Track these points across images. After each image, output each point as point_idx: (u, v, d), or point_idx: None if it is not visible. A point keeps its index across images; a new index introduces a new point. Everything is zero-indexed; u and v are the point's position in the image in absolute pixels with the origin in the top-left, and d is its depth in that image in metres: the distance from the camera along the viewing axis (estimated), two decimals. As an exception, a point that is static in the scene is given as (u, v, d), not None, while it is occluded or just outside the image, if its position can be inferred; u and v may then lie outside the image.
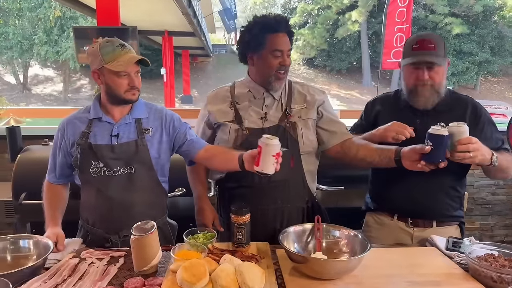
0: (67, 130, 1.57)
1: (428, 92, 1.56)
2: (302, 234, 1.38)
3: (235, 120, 1.67)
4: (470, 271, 1.27)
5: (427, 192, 1.58)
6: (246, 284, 1.06)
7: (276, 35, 1.58)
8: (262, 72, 1.64)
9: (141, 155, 1.53)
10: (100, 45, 1.47)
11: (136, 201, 1.54)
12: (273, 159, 1.25)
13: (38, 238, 1.33)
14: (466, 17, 20.98)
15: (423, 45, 1.54)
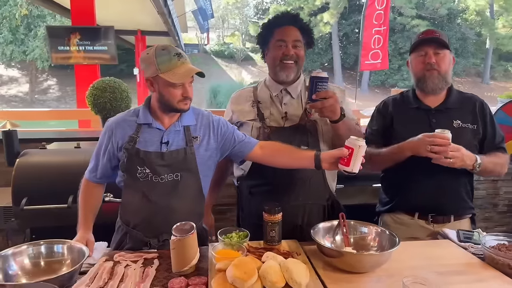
0: (116, 133, 1.54)
1: (436, 79, 1.66)
2: (329, 230, 1.45)
3: (257, 119, 1.73)
4: (486, 260, 1.37)
5: (447, 189, 1.66)
6: (293, 279, 1.11)
7: (281, 28, 1.67)
8: (270, 64, 1.74)
9: (188, 163, 1.52)
10: (156, 52, 1.42)
11: (178, 208, 1.53)
12: (361, 159, 1.34)
13: (72, 243, 1.33)
14: (432, 19, 21.84)
15: (429, 33, 1.69)
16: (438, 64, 1.65)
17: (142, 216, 1.53)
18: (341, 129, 1.58)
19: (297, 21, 1.69)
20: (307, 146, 1.65)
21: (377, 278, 1.25)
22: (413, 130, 1.63)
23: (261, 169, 1.66)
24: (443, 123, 1.65)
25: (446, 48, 1.66)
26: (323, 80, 1.50)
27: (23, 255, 1.28)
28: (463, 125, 1.67)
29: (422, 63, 1.67)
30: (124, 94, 3.20)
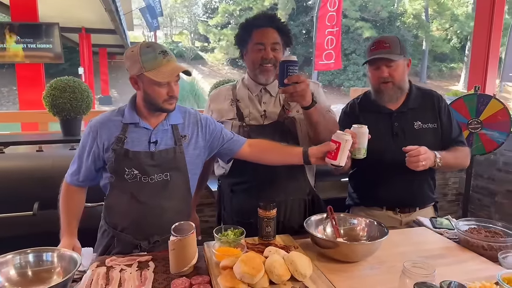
0: (101, 134, 1.48)
1: (391, 90, 1.73)
2: (319, 223, 1.50)
3: (236, 118, 1.74)
4: (461, 243, 1.50)
5: (412, 185, 1.78)
6: (298, 271, 1.14)
7: (260, 29, 1.67)
8: (250, 67, 1.75)
9: (177, 163, 1.51)
10: (141, 50, 1.38)
11: (168, 208, 1.51)
12: (348, 153, 1.40)
13: (62, 251, 1.26)
14: (374, 21, 22.96)
15: (379, 46, 1.71)
16: (392, 76, 1.70)
17: (131, 218, 1.49)
18: (314, 116, 1.59)
19: (274, 22, 1.70)
20: (287, 143, 1.68)
21: (370, 266, 1.32)
22: (377, 133, 1.65)
23: (242, 167, 1.68)
24: (404, 125, 1.77)
25: (399, 56, 1.68)
26: (294, 63, 1.47)
27: (9, 265, 1.19)
28: (424, 126, 1.77)
29: (376, 76, 1.73)
30: (85, 94, 3.05)
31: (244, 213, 1.70)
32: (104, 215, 1.58)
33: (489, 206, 3.86)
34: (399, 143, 1.67)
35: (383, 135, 1.72)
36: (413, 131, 1.77)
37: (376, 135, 1.63)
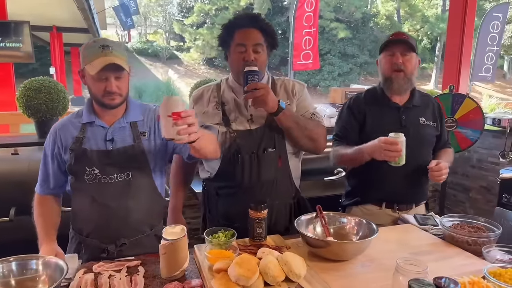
0: (60, 135, 1.48)
1: (402, 80, 1.78)
2: (309, 223, 1.50)
3: (222, 122, 1.69)
4: (446, 239, 1.54)
5: (410, 181, 1.82)
6: (293, 272, 1.14)
7: (242, 30, 1.61)
8: (233, 69, 1.69)
9: (138, 161, 1.48)
10: (85, 45, 1.41)
11: (133, 209, 1.48)
12: (170, 121, 1.11)
13: (47, 258, 1.21)
14: (349, 22, 23.33)
15: (398, 35, 1.80)
16: (405, 65, 1.76)
17: (95, 222, 1.46)
18: (284, 122, 1.59)
19: (257, 22, 1.63)
20: (275, 147, 1.66)
21: (360, 264, 1.34)
22: (385, 126, 1.76)
23: (229, 171, 1.66)
24: (411, 119, 1.84)
25: (413, 51, 1.78)
26: (254, 73, 1.53)
27: (-10, 275, 1.14)
28: (427, 122, 1.87)
29: (390, 62, 1.78)
30: (61, 95, 2.94)
31: (230, 217, 1.67)
32: (71, 220, 1.55)
33: (464, 202, 3.99)
34: (408, 136, 1.68)
35: (392, 127, 1.75)
36: (419, 125, 1.84)
37: (384, 128, 1.71)
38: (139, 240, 1.52)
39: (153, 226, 1.55)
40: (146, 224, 1.53)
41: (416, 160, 1.74)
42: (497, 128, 3.61)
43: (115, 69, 1.38)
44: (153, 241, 1.55)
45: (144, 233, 1.53)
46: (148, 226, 1.54)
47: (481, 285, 1.14)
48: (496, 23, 6.68)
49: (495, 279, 1.16)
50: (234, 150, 1.64)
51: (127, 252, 1.49)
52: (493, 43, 6.69)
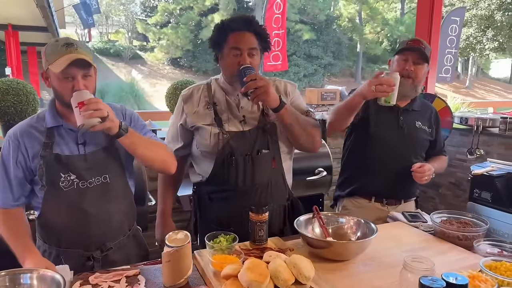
0: (24, 142, 1.38)
1: (409, 86, 1.84)
2: (308, 223, 1.51)
3: (215, 123, 1.65)
4: (437, 235, 1.59)
5: (400, 179, 1.88)
6: (302, 274, 1.13)
7: (236, 33, 1.57)
8: (226, 72, 1.65)
9: (113, 162, 1.47)
10: (47, 45, 1.36)
11: (114, 211, 1.47)
12: (78, 110, 1.25)
13: (42, 271, 1.13)
14: (313, 24, 23.75)
15: (417, 42, 1.86)
16: (415, 73, 1.83)
17: (76, 231, 1.41)
18: (286, 117, 1.57)
19: (252, 25, 1.59)
20: (268, 148, 1.65)
21: (362, 262, 1.35)
22: (383, 123, 1.87)
23: (223, 173, 1.62)
24: (408, 121, 1.91)
25: (426, 61, 1.84)
26: (250, 68, 1.52)
27: (-21, 292, 1.05)
28: (422, 127, 1.95)
29: (402, 67, 1.84)
30: (31, 96, 2.78)
31: (224, 221, 1.64)
32: (40, 234, 1.47)
33: (434, 198, 4.16)
34: (403, 136, 1.82)
35: (390, 125, 1.86)
36: (415, 128, 1.93)
37: (382, 125, 1.82)
38: (122, 242, 1.52)
39: (130, 227, 1.58)
40: (126, 225, 1.54)
41: (407, 160, 1.82)
42: (464, 127, 3.79)
43: (82, 66, 1.32)
44: (132, 241, 1.57)
45: (125, 235, 1.54)
46: (127, 227, 1.55)
47: (481, 278, 1.18)
48: (454, 26, 7.03)
49: (492, 272, 1.21)
50: (227, 152, 1.61)
51: (112, 256, 1.47)
52: (451, 45, 7.04)
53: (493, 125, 3.59)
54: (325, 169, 2.96)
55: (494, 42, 14.86)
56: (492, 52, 15.85)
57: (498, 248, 1.44)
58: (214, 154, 1.63)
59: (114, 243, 1.48)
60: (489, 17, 14.22)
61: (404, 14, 26.07)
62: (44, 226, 1.45)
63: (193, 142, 1.71)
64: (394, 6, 26.35)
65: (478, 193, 2.71)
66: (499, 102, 13.63)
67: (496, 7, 14.07)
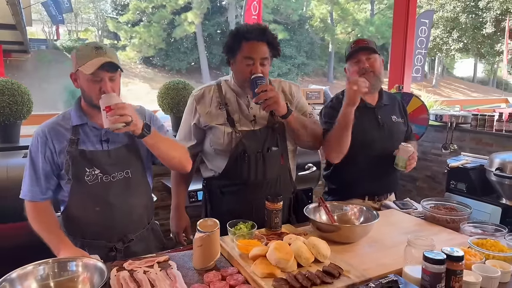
0: (51, 138, 1.48)
1: (372, 79, 1.91)
2: (316, 211, 1.66)
3: (227, 123, 1.75)
4: (428, 219, 1.78)
5: (387, 173, 2.02)
6: (321, 253, 1.28)
7: (250, 43, 1.65)
8: (238, 78, 1.76)
9: (134, 159, 1.57)
10: (78, 48, 1.46)
11: (136, 204, 1.58)
12: (105, 113, 1.34)
13: (85, 260, 1.22)
14: (286, 24, 24.07)
15: (359, 42, 1.96)
16: (372, 66, 1.93)
17: (101, 223, 1.51)
18: (293, 123, 1.73)
19: (266, 36, 1.68)
20: (277, 146, 1.78)
21: (367, 244, 1.51)
22: (365, 126, 1.95)
23: (236, 169, 1.74)
24: (385, 118, 2.03)
25: (375, 52, 1.95)
26: (261, 78, 1.64)
27: (29, 277, 1.13)
28: (398, 120, 2.08)
29: (358, 68, 1.93)
30: (26, 97, 2.78)
31: (235, 213, 1.70)
32: (65, 227, 1.55)
33: (412, 190, 4.43)
34: (384, 134, 1.92)
35: (371, 127, 1.95)
36: (393, 123, 2.05)
37: (365, 127, 1.90)
38: (142, 234, 1.62)
39: (149, 220, 1.69)
40: (145, 218, 1.65)
41: (391, 155, 1.94)
42: (438, 123, 4.06)
43: (110, 69, 1.41)
44: (151, 233, 1.68)
45: (145, 227, 1.65)
46: (147, 220, 1.66)
47: (471, 253, 1.37)
48: (424, 28, 7.40)
49: (480, 248, 1.40)
50: (240, 149, 1.73)
51: (134, 247, 1.57)
52: (421, 46, 7.41)
53: (465, 122, 3.87)
54: (315, 165, 3.14)
55: (459, 43, 15.63)
56: (457, 52, 16.65)
57: (479, 229, 1.64)
58: (227, 152, 1.75)
59: (135, 235, 1.58)
60: (454, 19, 14.96)
61: (373, 15, 26.83)
62: (69, 218, 1.54)
63: (206, 140, 1.82)
64: (364, 7, 27.06)
65: (454, 184, 2.95)
66: (465, 100, 14.37)
67: (461, 10, 14.81)
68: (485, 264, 1.31)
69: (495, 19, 14.30)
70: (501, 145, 3.53)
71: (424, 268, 1.17)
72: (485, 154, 2.97)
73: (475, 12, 14.79)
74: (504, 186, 2.37)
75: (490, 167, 2.44)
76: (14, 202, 2.01)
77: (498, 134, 3.58)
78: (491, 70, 27.39)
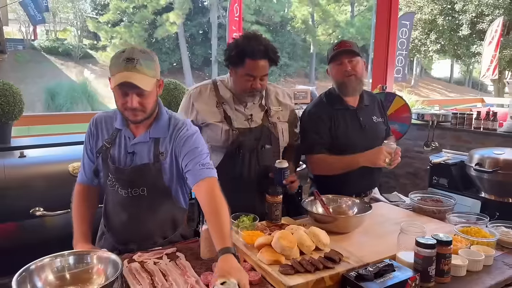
0: (96, 130, 1.53)
1: (354, 82, 1.96)
2: (312, 204, 1.75)
3: (224, 121, 1.83)
4: (416, 211, 1.89)
5: (371, 172, 2.06)
6: (321, 241, 1.37)
7: (253, 61, 1.72)
8: (237, 87, 1.84)
9: (153, 180, 1.47)
10: (115, 54, 1.38)
11: (146, 220, 1.53)
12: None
13: (99, 253, 1.27)
14: (268, 25, 24.22)
15: (342, 45, 1.97)
16: (354, 69, 1.96)
17: (112, 222, 1.57)
18: None
19: (268, 54, 1.75)
20: (271, 144, 1.88)
21: (361, 234, 1.61)
22: (348, 128, 2.01)
23: (230, 165, 1.82)
24: (367, 120, 2.08)
25: (358, 55, 1.99)
26: (286, 169, 1.80)
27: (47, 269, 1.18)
28: (378, 119, 2.15)
29: (340, 71, 1.96)
30: (17, 97, 2.78)
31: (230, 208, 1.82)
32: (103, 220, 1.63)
33: (395, 187, 4.58)
34: (367, 135, 2.00)
35: (354, 130, 2.01)
36: (374, 124, 2.11)
37: (348, 130, 1.97)
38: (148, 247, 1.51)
39: (166, 235, 1.59)
40: (157, 235, 1.57)
41: None
42: (420, 122, 4.22)
43: (135, 86, 1.33)
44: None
45: (156, 243, 1.54)
46: (161, 235, 1.58)
47: (457, 240, 1.48)
48: (405, 29, 7.62)
49: (465, 235, 1.52)
50: (236, 146, 1.81)
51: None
52: (402, 47, 7.62)
53: (446, 120, 4.05)
54: (304, 162, 3.24)
55: (437, 44, 16.08)
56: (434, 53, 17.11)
57: (463, 218, 1.77)
58: (224, 148, 1.82)
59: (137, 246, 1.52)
60: (432, 21, 15.38)
61: (354, 16, 27.27)
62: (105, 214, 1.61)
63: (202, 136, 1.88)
64: (345, 9, 27.47)
65: (437, 180, 3.09)
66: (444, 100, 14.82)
67: (438, 12, 15.24)
68: (470, 249, 1.43)
69: (470, 21, 14.79)
70: (479, 142, 3.71)
71: (416, 252, 1.27)
72: (465, 150, 3.13)
73: (452, 15, 15.25)
74: (483, 180, 2.51)
75: (470, 163, 2.59)
76: (13, 202, 2.06)
77: (477, 132, 3.76)
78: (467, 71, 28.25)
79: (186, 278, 1.24)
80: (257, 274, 1.25)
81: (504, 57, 13.96)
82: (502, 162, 2.39)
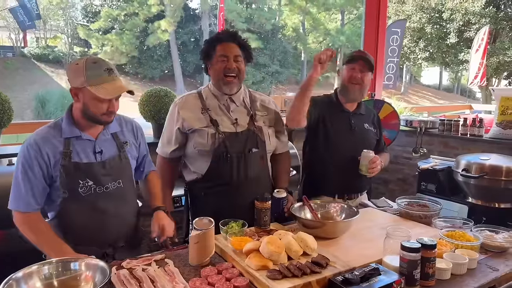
0: (45, 150, 1.47)
1: (357, 92, 2.13)
2: (300, 210, 1.77)
3: (211, 125, 1.86)
4: (403, 216, 1.92)
5: (355, 175, 2.10)
6: (309, 246, 1.39)
7: (223, 44, 1.87)
8: (214, 78, 1.91)
9: (126, 169, 1.64)
10: (86, 64, 1.43)
11: (127, 212, 1.67)
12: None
13: (87, 260, 1.27)
14: (259, 33, 24.37)
15: (362, 53, 2.16)
16: (362, 80, 2.11)
17: (94, 230, 1.56)
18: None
19: (236, 38, 1.90)
20: (258, 148, 1.90)
21: (348, 238, 1.63)
22: (337, 127, 2.12)
23: (218, 170, 1.84)
24: (358, 124, 2.19)
25: (370, 70, 2.12)
26: (284, 199, 1.88)
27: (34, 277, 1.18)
28: (369, 128, 2.26)
29: (350, 75, 2.12)
30: (6, 105, 2.77)
31: (219, 213, 1.76)
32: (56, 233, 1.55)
33: (384, 193, 4.62)
34: (355, 137, 2.10)
35: (343, 129, 2.13)
36: (364, 129, 2.22)
37: (338, 129, 2.08)
38: (131, 240, 1.69)
39: (138, 226, 1.77)
40: (134, 225, 1.72)
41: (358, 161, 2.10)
42: (409, 128, 4.28)
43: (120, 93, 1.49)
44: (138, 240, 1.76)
45: (134, 233, 1.72)
46: (136, 227, 1.74)
47: (442, 243, 1.51)
48: (396, 37, 7.70)
49: (450, 239, 1.55)
50: (222, 150, 1.83)
51: (123, 253, 1.61)
52: (393, 55, 7.70)
53: (433, 127, 4.11)
54: (294, 169, 3.26)
55: (425, 52, 16.34)
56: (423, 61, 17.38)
57: (449, 223, 1.80)
58: (210, 152, 1.84)
59: (125, 241, 1.65)
60: (420, 29, 15.65)
61: (344, 25, 27.58)
62: (61, 226, 1.55)
63: (189, 143, 1.91)
64: (335, 17, 27.80)
65: (425, 185, 3.13)
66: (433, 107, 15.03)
67: (426, 21, 15.51)
68: (454, 253, 1.46)
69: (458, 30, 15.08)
70: (466, 148, 3.77)
71: (401, 256, 1.30)
72: (452, 156, 3.18)
73: (440, 23, 15.54)
74: (470, 185, 2.55)
75: (457, 169, 2.63)
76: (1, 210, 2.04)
77: (463, 138, 3.81)
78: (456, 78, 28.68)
79: (175, 284, 1.24)
80: (245, 279, 1.26)
81: (491, 64, 14.22)
82: (488, 167, 2.43)
